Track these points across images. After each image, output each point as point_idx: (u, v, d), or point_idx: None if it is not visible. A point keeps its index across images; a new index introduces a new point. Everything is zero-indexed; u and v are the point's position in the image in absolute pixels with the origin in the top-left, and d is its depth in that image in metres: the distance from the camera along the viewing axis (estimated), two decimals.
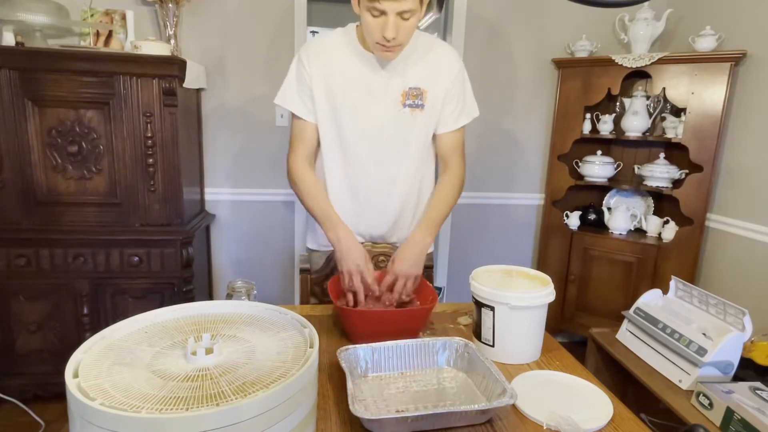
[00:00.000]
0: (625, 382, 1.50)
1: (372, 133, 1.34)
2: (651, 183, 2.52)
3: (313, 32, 5.30)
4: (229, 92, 2.52)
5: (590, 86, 2.57)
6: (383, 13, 1.11)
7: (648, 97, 2.59)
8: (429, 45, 1.33)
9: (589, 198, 2.87)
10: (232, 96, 2.53)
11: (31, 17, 2.00)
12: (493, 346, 1.14)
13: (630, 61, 2.43)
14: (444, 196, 1.38)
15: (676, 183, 2.49)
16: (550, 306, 1.16)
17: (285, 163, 1.41)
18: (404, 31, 1.15)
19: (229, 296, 1.20)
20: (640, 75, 2.50)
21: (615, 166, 2.68)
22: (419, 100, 1.31)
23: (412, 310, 1.24)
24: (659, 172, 2.47)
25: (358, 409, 0.82)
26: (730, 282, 2.28)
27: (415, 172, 1.42)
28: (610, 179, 2.70)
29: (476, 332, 1.18)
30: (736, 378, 1.25)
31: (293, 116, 1.37)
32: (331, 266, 1.52)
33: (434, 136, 1.41)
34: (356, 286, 1.23)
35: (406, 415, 0.84)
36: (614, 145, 2.81)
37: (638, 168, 2.62)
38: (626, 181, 2.75)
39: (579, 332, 2.69)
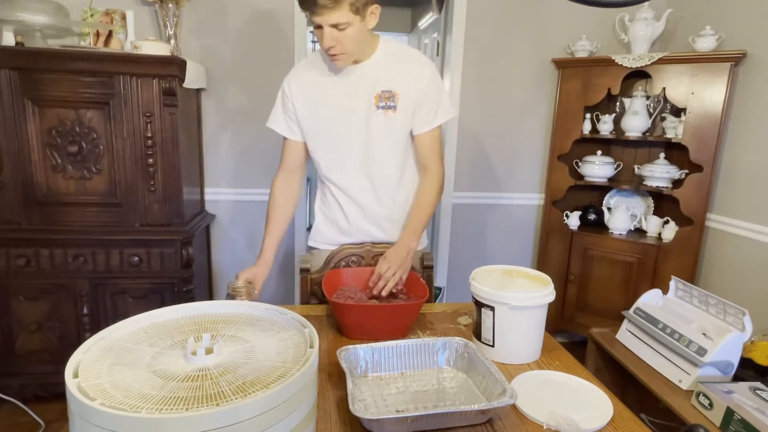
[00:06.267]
0: (625, 382, 1.50)
1: (356, 137, 1.42)
2: (651, 183, 2.51)
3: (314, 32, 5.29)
4: (229, 92, 2.52)
5: (590, 86, 2.57)
6: (319, 26, 1.22)
7: (648, 97, 2.59)
8: (400, 55, 1.41)
9: (589, 198, 2.87)
10: (232, 96, 2.53)
11: (31, 17, 1.99)
12: (493, 346, 1.14)
13: (630, 61, 2.43)
14: (426, 200, 1.46)
15: (676, 183, 2.49)
16: (550, 306, 1.16)
17: None
18: (345, 41, 1.25)
19: (230, 297, 1.21)
20: (640, 75, 2.50)
21: (615, 166, 2.68)
22: (391, 102, 1.39)
23: (401, 305, 1.27)
24: (659, 172, 2.47)
25: (358, 409, 0.82)
26: (730, 282, 2.27)
27: (399, 174, 1.49)
28: (610, 179, 2.70)
29: (476, 332, 1.18)
30: (736, 378, 1.25)
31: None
32: (330, 266, 1.52)
33: (413, 141, 1.47)
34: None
35: (406, 415, 0.84)
36: (614, 145, 2.80)
37: (638, 168, 2.62)
38: (626, 181, 2.75)
39: (579, 332, 2.69)
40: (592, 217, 2.77)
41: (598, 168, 2.66)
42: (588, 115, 2.66)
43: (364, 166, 1.45)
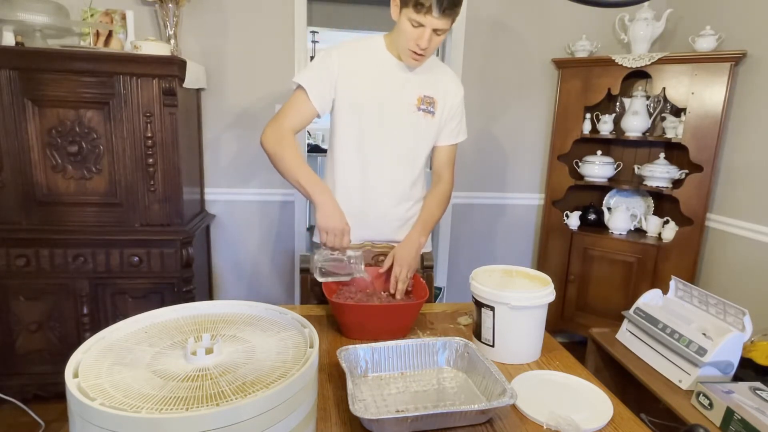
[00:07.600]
0: (625, 382, 1.50)
1: (389, 131, 1.44)
2: (651, 183, 2.52)
3: (313, 32, 5.30)
4: (229, 92, 2.52)
5: (590, 86, 2.57)
6: (422, 25, 1.25)
7: (648, 97, 2.59)
8: (442, 68, 1.51)
9: (589, 198, 2.87)
10: (232, 96, 2.53)
11: (31, 17, 1.99)
12: (493, 346, 1.14)
13: (630, 61, 2.43)
14: (437, 203, 1.51)
15: (676, 183, 2.49)
16: (550, 306, 1.16)
17: None
18: (434, 44, 1.31)
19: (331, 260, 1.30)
20: (640, 75, 2.50)
21: (615, 166, 2.68)
22: (431, 107, 1.45)
23: (401, 305, 1.27)
24: (659, 172, 2.47)
25: (358, 409, 0.82)
26: (730, 282, 2.27)
27: (418, 175, 1.52)
28: (610, 179, 2.70)
29: (476, 332, 1.18)
30: (736, 378, 1.25)
31: (297, 92, 1.39)
32: None
33: (432, 150, 1.54)
34: (338, 244, 1.31)
35: (406, 415, 0.84)
36: (614, 145, 2.81)
37: (638, 168, 2.62)
38: (626, 181, 2.75)
39: (579, 332, 2.69)
40: (592, 217, 2.77)
41: (598, 168, 2.66)
42: (588, 115, 2.66)
43: (392, 158, 1.46)
